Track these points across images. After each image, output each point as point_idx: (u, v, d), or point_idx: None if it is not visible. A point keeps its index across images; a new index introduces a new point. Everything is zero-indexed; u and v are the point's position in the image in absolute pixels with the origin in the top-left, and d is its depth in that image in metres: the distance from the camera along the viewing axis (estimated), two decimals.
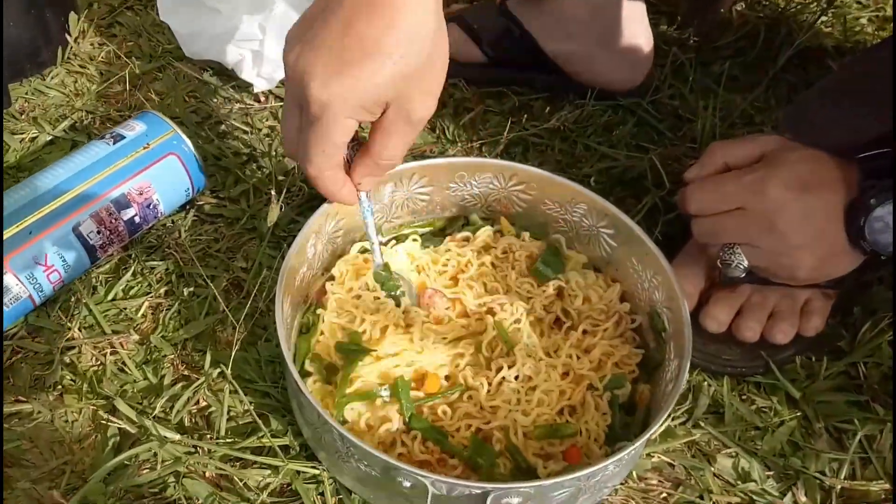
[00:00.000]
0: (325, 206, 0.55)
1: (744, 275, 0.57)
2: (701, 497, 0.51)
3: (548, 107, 0.79)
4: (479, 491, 0.41)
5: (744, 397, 0.57)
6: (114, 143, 0.59)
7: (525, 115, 0.78)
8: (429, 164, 0.60)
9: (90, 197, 0.56)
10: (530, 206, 0.63)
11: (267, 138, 0.75)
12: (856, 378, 0.58)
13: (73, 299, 0.58)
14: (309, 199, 0.68)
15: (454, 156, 0.74)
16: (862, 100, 0.58)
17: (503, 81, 0.81)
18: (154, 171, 0.60)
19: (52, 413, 0.51)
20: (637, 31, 0.76)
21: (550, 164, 0.76)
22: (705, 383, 0.57)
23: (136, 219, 0.59)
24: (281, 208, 0.64)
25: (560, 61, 0.78)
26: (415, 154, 0.75)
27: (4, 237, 0.52)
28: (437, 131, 0.77)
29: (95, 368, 0.54)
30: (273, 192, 0.56)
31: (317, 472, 0.49)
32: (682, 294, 0.52)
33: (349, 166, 0.47)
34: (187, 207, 0.66)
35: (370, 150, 0.45)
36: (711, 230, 0.56)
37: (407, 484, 0.42)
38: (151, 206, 0.60)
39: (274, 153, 0.72)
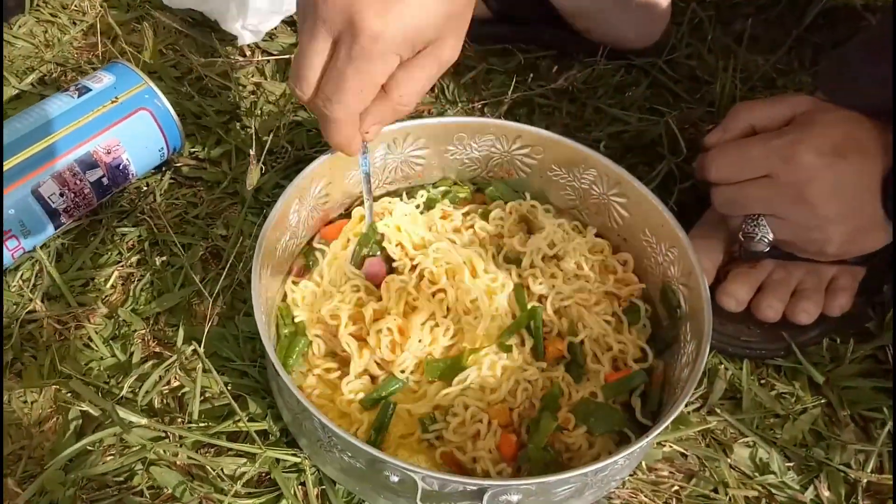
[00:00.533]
0: (309, 168, 0.50)
1: (767, 249, 0.52)
2: (715, 490, 0.47)
3: (555, 66, 0.73)
4: (474, 488, 0.37)
5: (763, 382, 0.53)
6: (78, 96, 0.54)
7: (531, 75, 0.72)
8: (425, 124, 0.55)
9: (51, 155, 0.51)
10: (535, 171, 0.58)
11: (252, 95, 0.69)
12: (884, 362, 0.54)
13: (35, 268, 0.53)
14: (296, 162, 0.63)
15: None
16: None
17: (508, 38, 0.75)
18: (123, 128, 0.54)
19: (8, 393, 0.47)
20: None
21: (557, 128, 0.70)
22: (722, 366, 0.53)
23: (104, 180, 0.54)
24: (262, 171, 0.58)
25: (570, 16, 0.72)
26: (410, 115, 0.69)
27: None
28: (436, 91, 0.71)
29: (59, 344, 0.50)
30: (252, 153, 0.51)
31: (298, 459, 0.45)
32: (702, 270, 0.48)
33: None
34: (163, 169, 0.61)
35: (388, 91, 0.42)
36: (734, 200, 0.52)
37: (394, 479, 0.38)
38: (121, 167, 0.55)
39: (259, 112, 0.67)
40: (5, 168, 0.49)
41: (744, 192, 0.51)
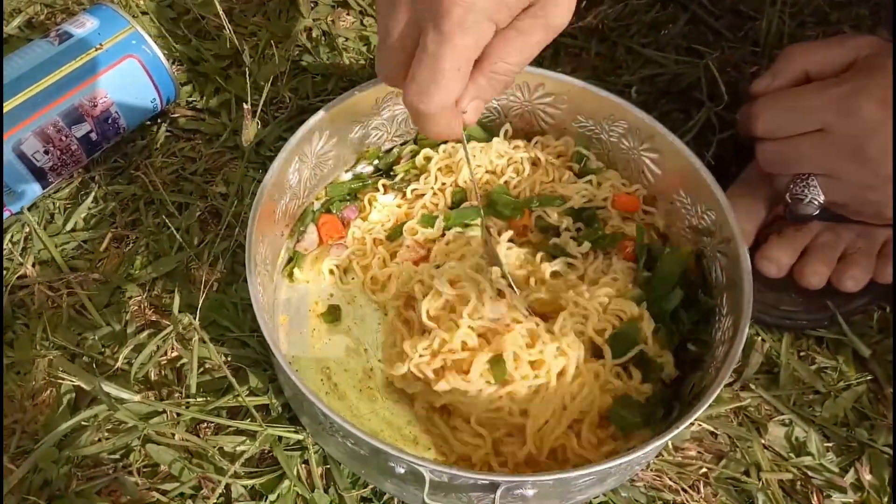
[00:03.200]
0: (307, 123, 0.45)
1: (817, 212, 0.47)
2: (747, 473, 0.44)
3: (584, 1, 0.66)
4: (486, 481, 0.34)
5: (802, 355, 0.49)
6: (59, 43, 0.49)
7: None
8: None
9: (32, 109, 0.47)
10: (558, 122, 0.53)
11: (253, 38, 0.64)
12: None
13: (24, 231, 0.50)
14: (299, 112, 0.58)
15: None
16: None
17: None
18: (110, 78, 0.50)
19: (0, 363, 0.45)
20: None
21: (585, 71, 0.65)
22: (758, 338, 0.49)
23: (93, 136, 0.50)
24: (258, 125, 0.54)
25: None
26: None
27: None
28: None
29: (51, 311, 0.47)
30: (247, 108, 0.46)
31: (300, 437, 0.43)
32: (742, 238, 0.43)
33: None
34: (158, 121, 0.57)
35: (488, 62, 0.36)
36: (782, 157, 0.46)
37: (400, 469, 0.35)
38: (110, 121, 0.51)
39: (260, 56, 0.62)
40: None
41: (794, 148, 0.46)
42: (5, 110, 0.46)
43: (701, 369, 0.43)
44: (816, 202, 0.47)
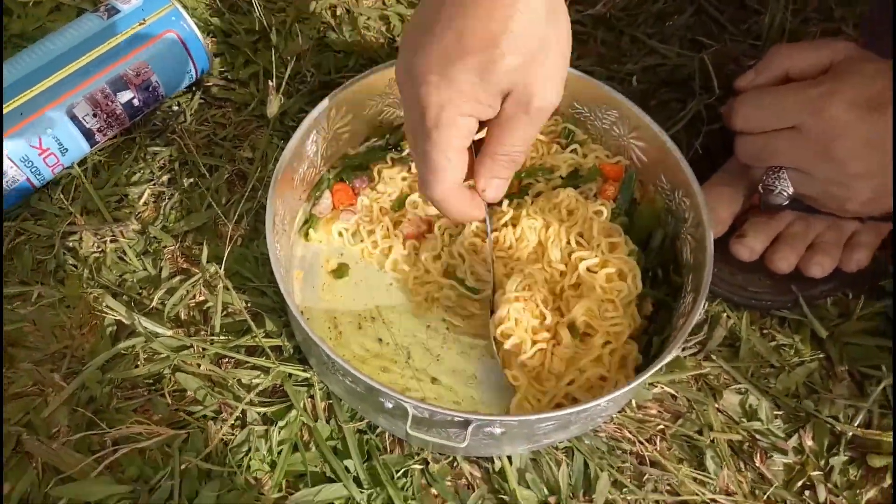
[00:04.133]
0: (326, 101, 0.51)
1: (786, 203, 0.51)
2: (700, 432, 0.49)
3: None
4: (460, 419, 0.40)
5: (765, 332, 0.54)
6: (107, 17, 0.55)
7: None
8: None
9: (83, 77, 0.53)
10: (558, 106, 0.57)
11: (281, 14, 0.69)
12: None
13: (74, 183, 0.57)
14: (320, 87, 0.64)
15: None
16: None
17: None
18: (152, 51, 0.56)
19: (54, 298, 0.51)
20: None
21: (591, 58, 0.68)
22: (724, 315, 0.54)
23: (135, 101, 0.56)
24: (281, 99, 0.59)
25: None
26: None
27: None
28: None
29: (97, 255, 0.54)
30: (272, 84, 0.51)
31: (308, 375, 0.49)
32: (710, 224, 0.47)
33: None
34: (192, 90, 0.63)
35: (488, 148, 0.41)
36: (757, 150, 0.50)
37: (389, 405, 0.41)
38: (151, 89, 0.57)
39: (287, 32, 0.67)
40: (42, 88, 0.52)
41: (769, 143, 0.49)
42: (62, 77, 0.52)
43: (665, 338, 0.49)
44: (786, 193, 0.51)
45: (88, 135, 0.55)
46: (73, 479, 0.44)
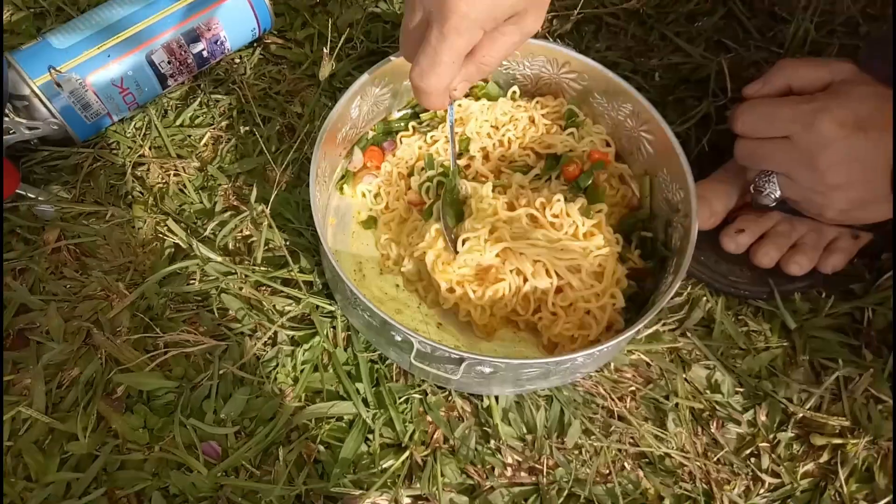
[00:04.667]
0: (370, 71, 0.57)
1: (774, 204, 0.57)
2: (666, 397, 0.56)
3: None
4: (456, 356, 0.47)
5: (739, 318, 0.60)
6: None
7: None
8: None
9: (162, 28, 0.60)
10: (580, 94, 0.63)
11: None
12: (859, 322, 0.59)
13: (145, 120, 0.65)
14: (368, 54, 0.70)
15: None
16: None
17: None
18: (221, 9, 0.62)
19: (123, 218, 0.60)
20: None
21: (619, 50, 0.73)
22: (704, 298, 0.60)
23: (205, 53, 0.63)
24: (333, 64, 0.66)
25: None
26: None
27: (85, 58, 0.57)
28: None
29: (161, 186, 0.62)
30: (326, 52, 0.58)
31: (332, 309, 0.57)
32: (696, 218, 0.53)
33: None
34: (254, 45, 0.70)
35: (475, 55, 0.47)
36: (752, 154, 0.55)
37: (398, 338, 0.49)
38: (218, 42, 0.64)
39: (344, 0, 0.73)
40: (126, 35, 0.59)
41: (763, 148, 0.54)
42: (143, 27, 0.59)
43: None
44: (774, 196, 0.56)
45: (162, 79, 0.62)
46: (130, 371, 0.53)
